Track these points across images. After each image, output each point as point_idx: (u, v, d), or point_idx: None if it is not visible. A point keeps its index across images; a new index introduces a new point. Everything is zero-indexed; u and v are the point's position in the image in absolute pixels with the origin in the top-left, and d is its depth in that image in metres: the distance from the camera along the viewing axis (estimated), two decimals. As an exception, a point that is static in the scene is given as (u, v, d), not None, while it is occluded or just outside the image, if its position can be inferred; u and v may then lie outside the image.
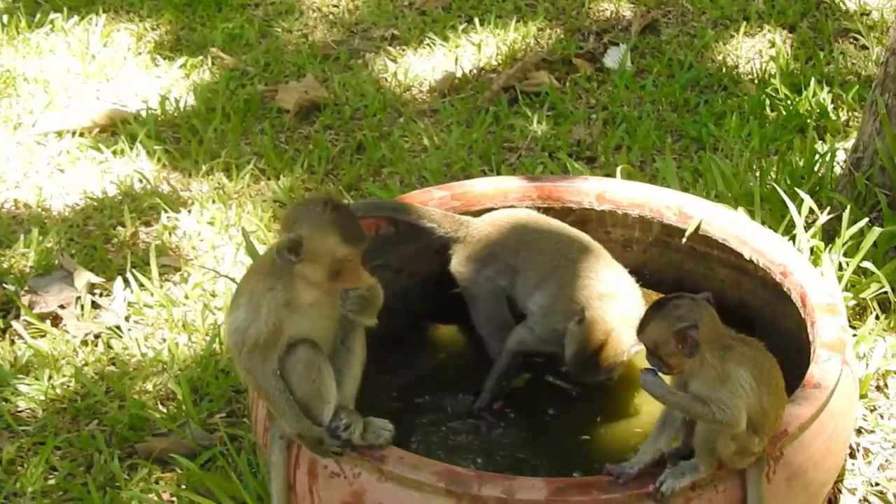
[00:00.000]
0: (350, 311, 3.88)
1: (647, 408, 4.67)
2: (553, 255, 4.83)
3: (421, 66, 7.87)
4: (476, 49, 7.95)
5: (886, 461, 4.67)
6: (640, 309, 4.56)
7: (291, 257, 3.70)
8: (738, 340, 3.69)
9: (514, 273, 4.91)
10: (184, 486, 4.51)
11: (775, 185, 5.80)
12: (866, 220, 5.32)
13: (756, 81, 7.55)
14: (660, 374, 3.62)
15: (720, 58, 7.79)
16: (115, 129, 7.24)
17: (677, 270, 5.13)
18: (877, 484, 4.54)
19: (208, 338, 5.34)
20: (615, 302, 4.65)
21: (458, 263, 4.97)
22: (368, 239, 3.86)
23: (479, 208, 5.07)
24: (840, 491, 4.50)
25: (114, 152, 7.02)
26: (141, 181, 6.72)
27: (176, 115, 7.41)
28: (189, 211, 6.46)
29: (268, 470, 3.99)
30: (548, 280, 4.80)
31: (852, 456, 4.67)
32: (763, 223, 5.23)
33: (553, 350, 4.77)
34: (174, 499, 4.46)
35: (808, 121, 7.02)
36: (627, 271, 4.85)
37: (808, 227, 5.35)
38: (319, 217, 3.73)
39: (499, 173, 6.56)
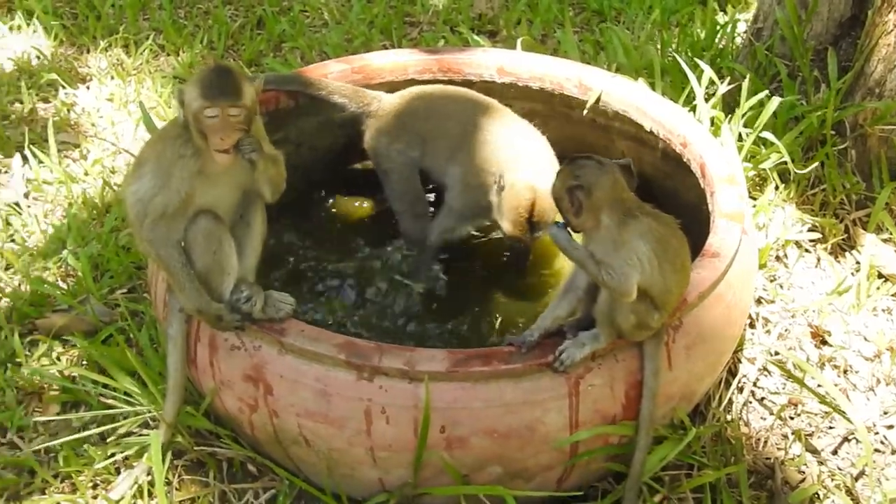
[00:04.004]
0: (248, 155, 3.69)
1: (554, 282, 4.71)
2: (461, 120, 4.78)
3: (322, -62, 7.74)
4: (378, -80, 7.81)
5: (785, 330, 4.74)
6: (553, 163, 4.57)
7: (179, 107, 3.65)
8: (648, 214, 3.62)
9: (423, 142, 4.86)
10: (84, 363, 4.49)
11: (676, 56, 5.79)
12: (766, 91, 5.33)
13: (658, -48, 7.52)
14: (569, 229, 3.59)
15: (624, -71, 7.73)
16: (11, 5, 7.10)
17: (579, 143, 5.10)
18: (776, 353, 4.61)
19: (108, 214, 5.27)
20: (529, 160, 4.60)
21: (370, 138, 4.91)
22: (233, 98, 3.61)
23: (379, 81, 5.02)
24: (740, 360, 4.57)
25: (10, 28, 6.89)
26: (38, 57, 6.59)
27: (73, -11, 7.27)
28: (88, 87, 6.35)
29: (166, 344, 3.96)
30: (459, 150, 4.76)
31: (752, 326, 4.74)
32: (663, 94, 5.23)
33: (483, 222, 4.80)
34: (75, 374, 4.44)
35: (710, -8, 7.03)
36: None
37: (708, 97, 5.37)
38: (199, 73, 3.69)
39: (400, 48, 6.49)
